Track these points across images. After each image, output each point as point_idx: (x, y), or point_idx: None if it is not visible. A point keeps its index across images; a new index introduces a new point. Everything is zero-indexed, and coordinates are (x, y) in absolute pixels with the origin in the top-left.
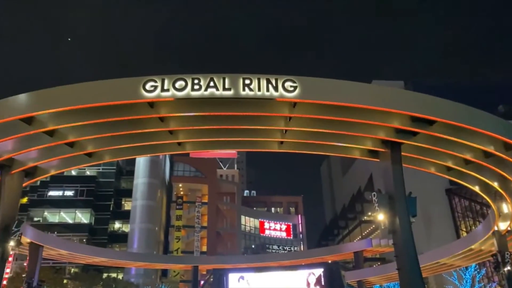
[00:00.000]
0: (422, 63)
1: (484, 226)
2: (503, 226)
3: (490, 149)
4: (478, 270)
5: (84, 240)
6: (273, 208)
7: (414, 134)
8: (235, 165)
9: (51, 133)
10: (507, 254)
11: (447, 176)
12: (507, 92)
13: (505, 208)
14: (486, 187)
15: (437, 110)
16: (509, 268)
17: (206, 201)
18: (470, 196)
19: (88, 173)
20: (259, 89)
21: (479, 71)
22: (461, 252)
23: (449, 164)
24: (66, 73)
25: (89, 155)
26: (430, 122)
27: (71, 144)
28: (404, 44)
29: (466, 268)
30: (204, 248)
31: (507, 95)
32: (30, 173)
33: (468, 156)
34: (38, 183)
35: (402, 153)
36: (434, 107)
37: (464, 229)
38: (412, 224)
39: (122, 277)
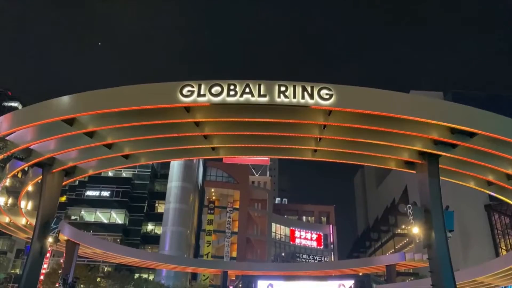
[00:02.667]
0: (462, 74)
1: None
2: None
3: None
4: None
5: (118, 240)
6: (304, 217)
7: (453, 146)
8: (268, 172)
9: (91, 135)
10: None
11: (487, 191)
12: None
13: None
14: None
15: (478, 122)
16: None
17: (237, 206)
18: (511, 213)
19: (124, 175)
20: (294, 96)
21: None
22: (501, 271)
23: (490, 178)
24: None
25: (126, 157)
26: (471, 135)
27: (109, 146)
28: (443, 54)
29: None
30: (234, 254)
31: None
32: (70, 172)
33: (510, 171)
34: (77, 182)
35: (440, 166)
36: (475, 119)
37: (504, 247)
38: (448, 239)
39: (153, 278)
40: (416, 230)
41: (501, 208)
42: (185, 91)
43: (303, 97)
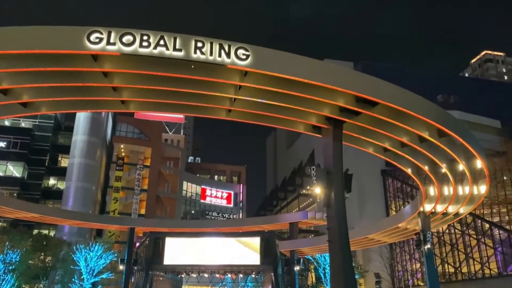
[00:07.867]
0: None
1: (412, 206)
2: (428, 207)
3: (425, 134)
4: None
5: (15, 194)
6: (216, 176)
7: (357, 114)
8: (182, 131)
9: None
10: (429, 233)
11: (383, 157)
12: (447, 83)
13: (431, 191)
14: (417, 170)
15: (380, 92)
16: (428, 246)
17: (148, 164)
18: (402, 179)
19: (23, 125)
20: (211, 54)
21: (430, 60)
22: (389, 229)
23: (387, 145)
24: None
25: (24, 105)
26: (373, 104)
27: (4, 91)
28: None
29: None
30: (143, 211)
31: (448, 86)
32: None
33: (404, 139)
34: None
35: (344, 131)
36: (377, 89)
37: (394, 209)
38: (346, 199)
39: (54, 235)
40: (318, 190)
41: (394, 174)
42: (92, 38)
43: (219, 55)
